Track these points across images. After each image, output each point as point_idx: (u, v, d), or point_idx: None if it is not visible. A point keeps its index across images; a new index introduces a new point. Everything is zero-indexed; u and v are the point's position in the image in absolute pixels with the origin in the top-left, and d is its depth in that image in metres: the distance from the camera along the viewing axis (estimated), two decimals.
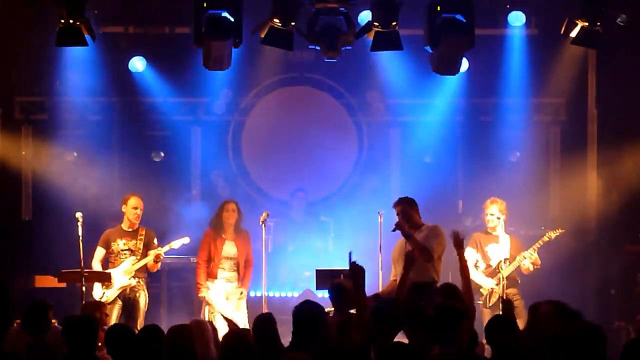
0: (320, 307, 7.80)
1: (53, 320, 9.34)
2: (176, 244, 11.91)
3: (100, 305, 10.26)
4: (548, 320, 7.72)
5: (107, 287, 11.58)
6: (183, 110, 14.59)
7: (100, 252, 11.79)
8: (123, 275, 11.63)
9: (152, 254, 11.69)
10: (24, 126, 14.27)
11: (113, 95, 14.27)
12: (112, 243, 11.75)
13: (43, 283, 12.32)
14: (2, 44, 13.41)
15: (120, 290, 11.63)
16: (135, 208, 11.79)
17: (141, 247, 11.75)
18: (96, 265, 11.73)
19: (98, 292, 11.61)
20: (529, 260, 11.63)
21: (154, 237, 11.87)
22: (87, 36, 11.52)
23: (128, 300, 11.65)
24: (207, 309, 11.66)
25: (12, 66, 13.71)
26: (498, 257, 11.60)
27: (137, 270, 11.68)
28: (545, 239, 11.73)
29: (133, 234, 11.80)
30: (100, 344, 7.82)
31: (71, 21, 11.33)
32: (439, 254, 10.43)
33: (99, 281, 11.54)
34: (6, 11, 13.24)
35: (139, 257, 11.70)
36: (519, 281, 11.74)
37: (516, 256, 11.68)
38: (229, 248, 11.79)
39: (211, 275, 11.74)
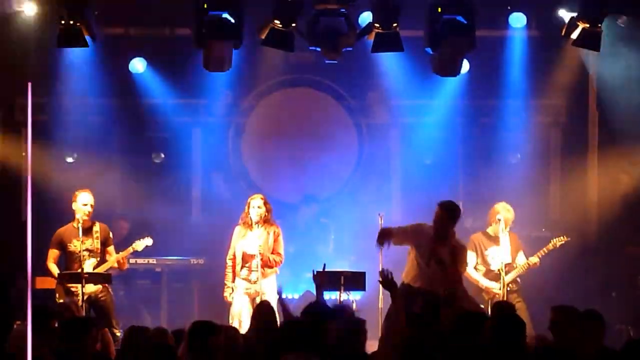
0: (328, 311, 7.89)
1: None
2: (139, 245, 11.63)
3: (75, 305, 10.12)
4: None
5: (73, 294, 11.22)
6: (183, 111, 14.57)
7: (54, 254, 11.46)
8: (86, 282, 11.18)
9: (113, 257, 11.39)
10: (24, 127, 14.27)
11: (113, 97, 14.26)
12: (68, 244, 11.35)
13: (43, 284, 12.27)
14: (2, 45, 13.41)
15: (86, 296, 11.17)
16: (85, 204, 11.38)
17: (99, 245, 11.38)
18: (53, 267, 11.43)
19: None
20: (525, 268, 11.64)
21: (109, 232, 11.56)
22: (87, 37, 11.53)
23: (95, 304, 11.33)
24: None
25: (13, 67, 13.70)
26: (499, 261, 11.57)
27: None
28: (550, 246, 11.71)
29: (87, 232, 11.40)
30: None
31: (72, 22, 11.35)
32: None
33: (98, 282, 11.45)
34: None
35: (98, 259, 11.38)
36: (519, 282, 11.73)
37: (515, 255, 11.66)
38: (252, 246, 11.46)
39: (236, 275, 11.50)
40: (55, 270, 11.41)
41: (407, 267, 10.63)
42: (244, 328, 10.50)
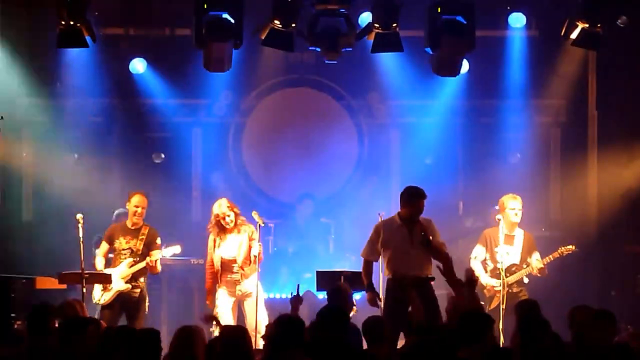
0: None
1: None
2: (167, 252, 11.77)
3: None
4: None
5: (106, 289, 11.55)
6: (184, 111, 14.59)
7: (104, 247, 11.73)
8: (119, 279, 11.51)
9: (143, 262, 11.53)
10: (25, 128, 14.28)
11: (114, 97, 14.28)
12: (115, 240, 11.65)
13: (44, 284, 12.29)
14: (3, 46, 13.43)
15: (117, 294, 11.52)
16: (137, 206, 11.64)
17: (141, 247, 11.59)
18: (99, 260, 11.68)
19: (97, 294, 11.58)
20: (534, 270, 11.61)
21: (157, 236, 11.71)
22: (87, 38, 11.53)
23: (127, 303, 11.56)
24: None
25: (13, 67, 13.72)
26: (507, 261, 11.57)
27: (136, 273, 11.60)
28: (557, 254, 11.68)
29: (135, 233, 11.66)
30: None
31: (72, 23, 11.35)
32: None
33: (99, 282, 11.52)
34: (7, 13, 13.26)
35: (136, 259, 11.56)
36: (526, 282, 11.72)
37: (527, 256, 11.65)
38: (229, 251, 11.46)
39: (217, 282, 11.48)
40: (98, 266, 11.64)
41: (389, 264, 10.55)
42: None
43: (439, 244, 10.35)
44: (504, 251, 11.58)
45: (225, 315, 11.33)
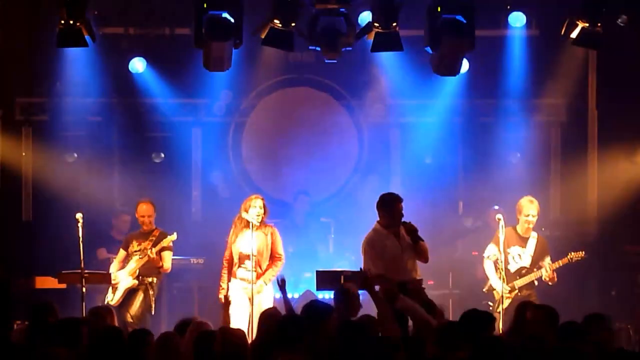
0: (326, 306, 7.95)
1: None
2: (165, 242, 11.89)
3: (108, 311, 10.25)
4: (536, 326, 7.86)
5: (115, 288, 11.81)
6: (183, 111, 14.59)
7: (121, 254, 12.08)
8: (127, 276, 11.88)
9: (145, 257, 11.82)
10: (24, 127, 14.28)
11: (113, 96, 14.28)
12: (130, 245, 12.02)
13: (43, 284, 12.34)
14: (3, 45, 13.43)
15: (126, 291, 11.87)
16: (142, 216, 12.06)
17: (149, 247, 11.89)
18: (114, 265, 12.03)
19: (110, 295, 11.91)
20: (544, 275, 11.62)
21: (167, 238, 11.92)
22: (87, 37, 11.52)
23: (129, 297, 11.84)
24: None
25: (13, 67, 13.72)
26: (517, 264, 11.59)
27: (142, 269, 11.75)
28: (566, 260, 11.70)
29: (146, 236, 12.03)
30: None
31: (71, 22, 11.33)
32: None
33: (99, 282, 11.63)
34: (7, 12, 13.26)
35: (144, 259, 11.86)
36: (536, 284, 11.73)
37: (539, 260, 11.68)
38: (248, 246, 11.38)
39: (232, 276, 11.47)
40: (112, 270, 11.98)
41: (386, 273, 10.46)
42: (242, 326, 10.50)
43: (424, 244, 10.39)
44: (515, 253, 11.62)
45: (239, 314, 11.31)
